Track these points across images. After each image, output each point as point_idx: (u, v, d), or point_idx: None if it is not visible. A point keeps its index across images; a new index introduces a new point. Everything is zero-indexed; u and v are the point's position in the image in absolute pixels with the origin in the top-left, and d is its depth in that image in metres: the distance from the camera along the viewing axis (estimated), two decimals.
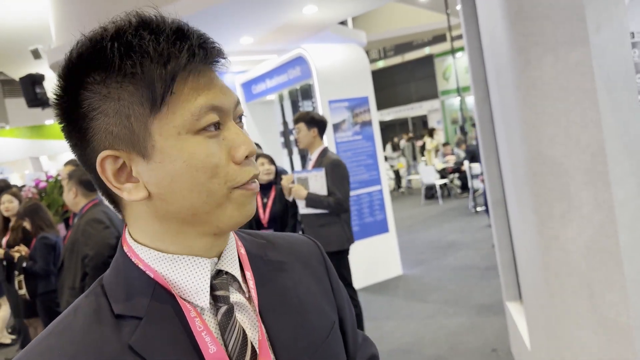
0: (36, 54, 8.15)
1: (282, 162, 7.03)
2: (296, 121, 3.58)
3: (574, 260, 1.83)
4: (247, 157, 0.60)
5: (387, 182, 5.99)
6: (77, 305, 0.60)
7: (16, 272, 4.10)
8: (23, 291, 4.06)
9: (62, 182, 3.33)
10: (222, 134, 0.59)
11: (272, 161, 3.86)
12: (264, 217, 3.81)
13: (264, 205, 3.83)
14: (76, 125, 0.58)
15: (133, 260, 0.61)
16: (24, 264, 4.03)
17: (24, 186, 6.13)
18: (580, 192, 1.76)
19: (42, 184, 5.15)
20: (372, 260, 5.67)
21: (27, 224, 4.11)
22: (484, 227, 7.55)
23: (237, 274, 0.64)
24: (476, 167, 9.09)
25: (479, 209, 8.83)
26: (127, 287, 0.60)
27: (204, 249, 0.62)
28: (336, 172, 3.41)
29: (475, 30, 3.26)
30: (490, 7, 2.23)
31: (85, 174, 3.16)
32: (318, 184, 3.40)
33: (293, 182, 3.58)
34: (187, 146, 0.57)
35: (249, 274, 0.66)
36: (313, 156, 3.59)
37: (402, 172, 14.27)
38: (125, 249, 0.63)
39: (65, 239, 3.33)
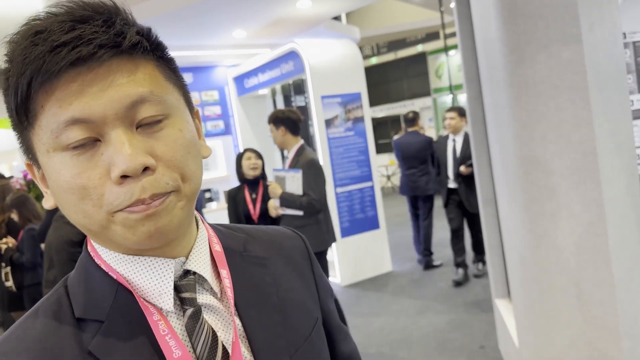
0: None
1: (274, 157, 7.02)
2: (268, 123, 3.58)
3: (563, 258, 1.84)
4: (125, 176, 0.50)
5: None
6: (38, 306, 0.58)
7: (3, 264, 4.06)
8: (10, 283, 4.02)
9: None
10: (102, 148, 0.51)
11: (259, 156, 3.83)
12: (254, 212, 3.79)
13: (254, 201, 3.81)
14: None
15: (96, 260, 0.59)
16: (11, 256, 3.99)
17: (11, 177, 6.07)
18: (571, 191, 1.77)
19: (30, 176, 5.10)
20: (362, 257, 5.68)
21: (14, 216, 4.08)
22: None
23: (207, 274, 0.61)
24: None
25: None
26: (90, 288, 0.57)
27: (155, 254, 0.57)
28: (311, 172, 3.37)
29: (468, 28, 3.26)
30: (484, 5, 2.23)
31: None
32: (295, 184, 3.37)
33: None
34: (54, 165, 0.52)
35: (224, 272, 0.62)
36: (290, 154, 3.56)
37: (392, 169, 14.29)
38: (89, 248, 0.60)
39: None
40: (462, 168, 4.89)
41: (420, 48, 18.62)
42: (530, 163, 1.88)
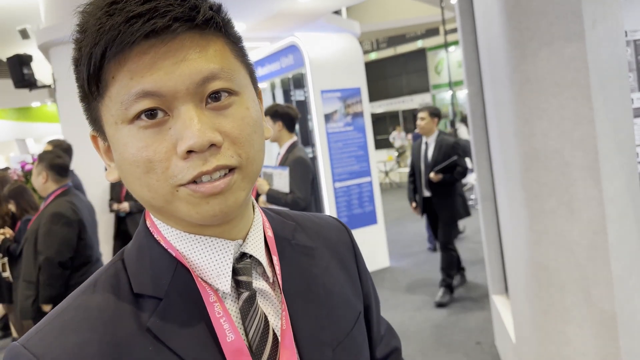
0: (24, 34, 8.02)
1: (271, 150, 7.01)
2: (265, 115, 3.55)
3: (562, 255, 1.84)
4: (191, 151, 0.51)
5: (377, 174, 5.98)
6: (96, 278, 0.58)
7: (0, 255, 4.05)
8: (7, 274, 4.02)
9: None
10: (170, 123, 0.51)
11: None
12: None
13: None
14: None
15: (155, 236, 0.58)
16: (8, 247, 3.98)
17: (8, 168, 6.06)
18: (571, 188, 1.77)
19: (28, 167, 5.09)
20: None
21: (12, 207, 4.07)
22: (472, 221, 7.61)
23: (263, 258, 0.61)
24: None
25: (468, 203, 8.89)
26: (148, 264, 0.57)
27: (215, 233, 0.57)
28: (298, 170, 3.36)
29: (470, 24, 3.25)
30: (488, 2, 2.23)
31: (57, 158, 3.07)
32: (282, 181, 3.38)
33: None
34: (122, 137, 0.52)
35: (275, 259, 0.62)
36: (282, 150, 3.55)
37: (391, 165, 14.29)
38: (148, 223, 0.60)
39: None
40: (432, 175, 4.39)
41: (419, 44, 18.60)
42: (530, 160, 1.88)
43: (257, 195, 3.75)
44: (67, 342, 0.51)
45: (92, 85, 0.52)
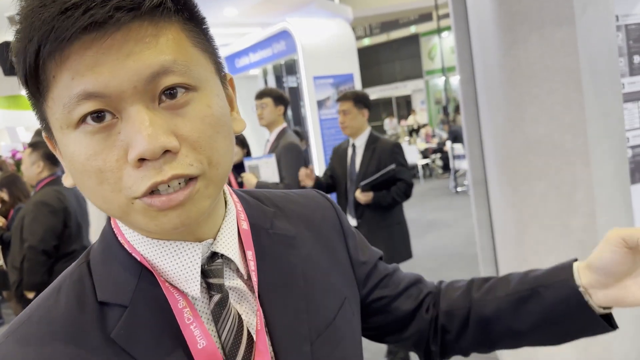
0: (12, 21, 7.90)
1: (262, 139, 7.00)
2: (262, 95, 3.38)
3: (552, 238, 1.86)
4: (144, 159, 0.45)
5: None
6: (60, 284, 0.54)
7: None
8: (0, 262, 4.01)
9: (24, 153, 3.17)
10: (119, 126, 0.45)
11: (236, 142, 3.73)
12: None
13: (240, 185, 3.81)
14: None
15: (119, 238, 0.55)
16: (2, 235, 3.98)
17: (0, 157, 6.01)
18: (561, 172, 1.79)
19: (19, 155, 5.06)
20: None
21: (4, 195, 4.05)
22: (464, 206, 7.66)
23: (236, 256, 0.56)
24: (458, 148, 9.17)
25: (459, 189, 8.94)
26: (113, 269, 0.53)
27: (181, 237, 0.53)
28: (288, 156, 3.24)
29: (462, 9, 3.24)
30: None
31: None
32: (269, 170, 3.28)
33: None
34: (69, 143, 0.47)
35: (250, 254, 0.58)
36: (272, 136, 3.45)
37: None
38: (112, 224, 0.56)
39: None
40: (358, 193, 2.89)
41: (413, 29, 18.50)
42: (521, 144, 1.90)
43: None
44: (29, 356, 0.49)
45: (32, 85, 0.47)
